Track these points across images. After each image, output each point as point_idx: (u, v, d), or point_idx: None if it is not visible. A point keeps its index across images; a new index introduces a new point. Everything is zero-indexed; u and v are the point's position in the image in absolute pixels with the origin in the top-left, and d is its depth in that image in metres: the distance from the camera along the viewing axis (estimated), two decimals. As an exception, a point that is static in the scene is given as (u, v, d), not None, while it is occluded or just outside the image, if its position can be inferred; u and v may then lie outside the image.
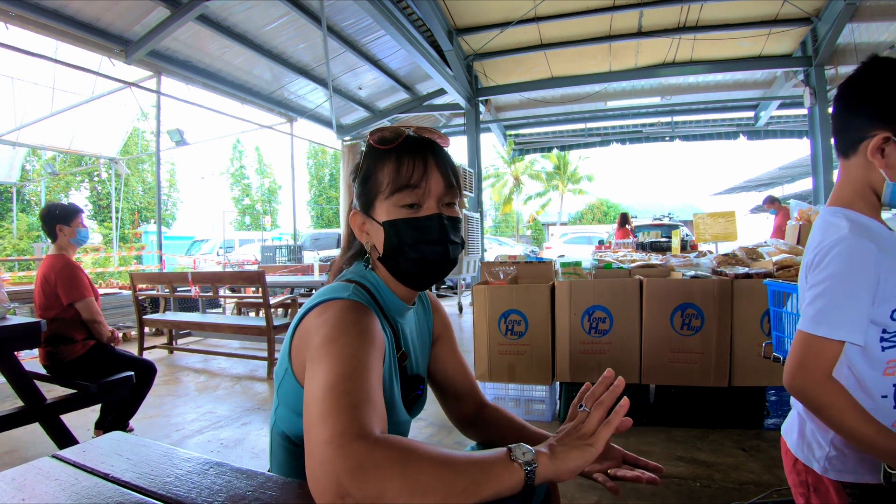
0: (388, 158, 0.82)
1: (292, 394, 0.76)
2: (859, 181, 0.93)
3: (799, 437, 1.01)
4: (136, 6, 5.49)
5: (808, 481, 0.98)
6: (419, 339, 0.97)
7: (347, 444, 0.53)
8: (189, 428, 3.02)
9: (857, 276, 0.86)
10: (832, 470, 0.94)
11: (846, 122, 0.93)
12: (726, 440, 2.55)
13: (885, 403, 0.90)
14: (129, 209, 22.06)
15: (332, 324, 0.70)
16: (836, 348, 0.87)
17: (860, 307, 0.86)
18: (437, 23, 6.71)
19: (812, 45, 7.34)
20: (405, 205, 0.81)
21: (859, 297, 0.85)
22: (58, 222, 2.66)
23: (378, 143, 0.83)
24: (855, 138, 0.91)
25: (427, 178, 0.81)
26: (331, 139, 11.22)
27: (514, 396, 3.00)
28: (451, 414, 1.07)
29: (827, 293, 0.87)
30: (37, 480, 0.70)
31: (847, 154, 0.94)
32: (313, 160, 30.99)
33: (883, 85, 0.87)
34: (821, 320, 0.87)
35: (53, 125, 9.41)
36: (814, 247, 0.93)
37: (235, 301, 7.01)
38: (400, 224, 0.81)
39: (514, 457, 0.60)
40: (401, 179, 0.80)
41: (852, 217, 0.92)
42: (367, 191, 0.84)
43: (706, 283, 2.69)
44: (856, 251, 0.86)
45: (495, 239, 17.18)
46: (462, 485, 0.54)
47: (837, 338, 0.86)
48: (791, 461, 1.03)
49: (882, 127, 0.87)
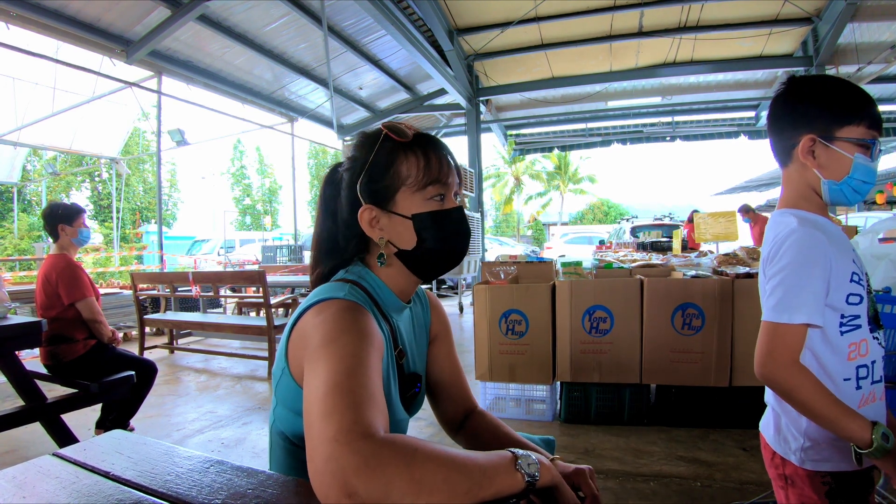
0: (411, 151, 0.83)
1: (290, 393, 0.76)
2: (799, 184, 1.01)
3: (775, 431, 1.04)
4: (137, 6, 5.50)
5: (786, 473, 1.02)
6: (416, 336, 0.97)
7: (353, 441, 0.53)
8: (190, 427, 3.02)
9: (811, 263, 0.92)
10: (808, 461, 0.97)
11: (778, 134, 1.03)
12: (727, 440, 2.55)
13: (848, 386, 0.95)
14: (129, 209, 22.09)
15: (330, 323, 0.69)
16: (800, 332, 0.92)
17: (817, 290, 0.91)
18: (438, 23, 6.71)
19: (813, 45, 7.34)
20: (434, 197, 0.83)
21: (814, 281, 0.91)
22: (60, 222, 2.67)
23: (399, 136, 0.83)
24: (787, 146, 1.00)
25: (450, 172, 0.85)
26: (331, 139, 11.22)
27: (514, 396, 3.00)
28: (440, 416, 1.06)
29: (784, 282, 0.93)
30: (37, 478, 0.70)
31: (785, 162, 1.03)
32: (314, 160, 31.01)
33: (803, 95, 0.98)
34: (782, 308, 0.92)
35: (54, 125, 9.42)
36: (768, 243, 1.01)
37: (236, 301, 7.02)
38: (437, 216, 0.83)
39: (520, 466, 0.62)
40: (432, 173, 0.82)
41: (799, 214, 0.99)
42: (386, 185, 0.83)
43: (707, 283, 2.69)
44: (806, 240, 0.93)
45: (496, 239, 17.15)
46: (466, 486, 0.55)
47: (799, 322, 0.91)
48: (769, 455, 1.06)
49: (807, 130, 0.96)
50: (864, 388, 0.96)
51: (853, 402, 0.93)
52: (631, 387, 2.81)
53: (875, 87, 9.01)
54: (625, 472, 2.24)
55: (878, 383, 0.98)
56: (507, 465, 0.61)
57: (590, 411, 2.87)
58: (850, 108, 0.94)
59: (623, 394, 2.83)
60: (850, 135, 0.94)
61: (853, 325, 0.95)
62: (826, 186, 0.97)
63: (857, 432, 0.85)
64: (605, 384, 2.83)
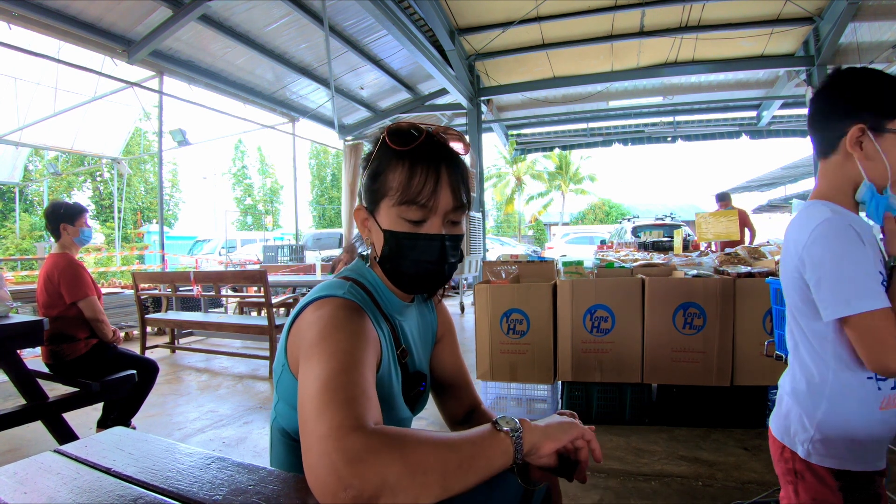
0: (401, 162, 0.78)
1: (290, 389, 0.76)
2: (838, 177, 0.98)
3: (785, 421, 1.03)
4: (139, 6, 5.50)
5: (796, 468, 1.00)
6: (421, 336, 0.97)
7: (345, 436, 0.54)
8: (191, 427, 3.03)
9: (858, 250, 0.88)
10: (815, 454, 0.96)
11: (823, 124, 0.99)
12: (728, 439, 2.54)
13: (870, 385, 0.93)
14: (131, 209, 22.13)
15: (326, 321, 0.70)
16: (890, 314, 0.86)
17: (877, 274, 0.88)
18: (439, 22, 6.71)
19: (814, 45, 7.32)
20: (409, 220, 0.79)
21: (871, 266, 0.88)
22: (62, 221, 2.67)
23: (394, 144, 0.78)
24: (833, 136, 0.97)
25: (437, 194, 0.78)
26: (333, 139, 11.21)
27: (515, 396, 3.00)
28: (445, 413, 1.07)
29: (842, 274, 0.88)
30: (38, 474, 0.70)
31: (827, 154, 0.99)
32: (315, 160, 31.04)
33: (854, 85, 0.95)
34: (862, 296, 0.87)
35: (56, 125, 9.44)
36: (801, 230, 0.96)
37: (237, 300, 7.02)
38: (400, 237, 0.80)
39: (500, 427, 0.63)
40: (410, 192, 0.77)
41: (834, 207, 0.95)
42: (375, 189, 0.82)
43: (708, 283, 2.68)
44: (842, 229, 0.90)
45: (497, 239, 17.14)
46: (457, 460, 0.57)
47: (883, 305, 0.86)
48: (778, 450, 1.05)
49: (857, 120, 0.93)
50: (884, 390, 0.93)
51: (873, 402, 0.92)
52: (632, 386, 2.81)
53: (877, 87, 8.98)
54: (626, 472, 2.24)
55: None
56: (490, 430, 0.63)
57: (591, 411, 2.86)
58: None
59: (624, 393, 2.82)
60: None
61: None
62: (866, 188, 0.94)
63: None
64: (606, 384, 2.83)
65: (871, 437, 0.94)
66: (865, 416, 0.94)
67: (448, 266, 0.83)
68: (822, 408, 0.95)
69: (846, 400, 0.94)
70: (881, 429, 0.95)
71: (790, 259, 0.99)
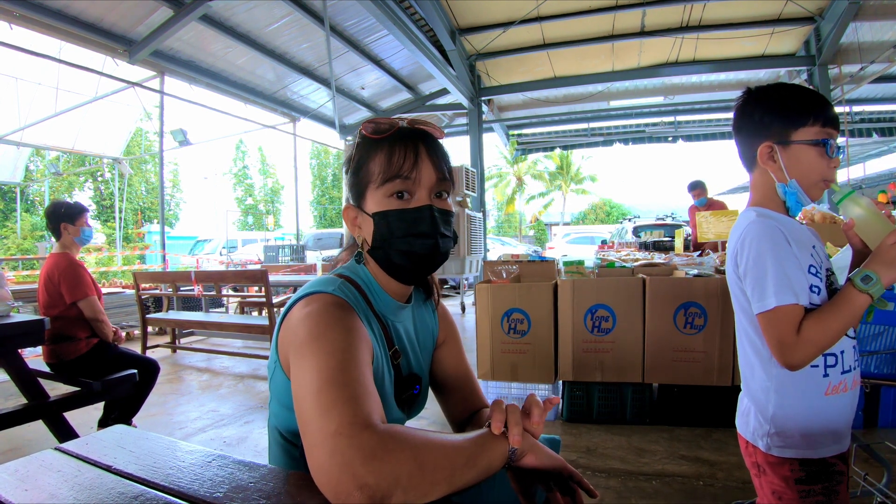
0: (380, 148, 0.80)
1: (281, 387, 0.75)
2: (764, 186, 1.07)
3: (745, 418, 1.08)
4: (140, 6, 5.51)
5: (758, 462, 1.05)
6: (419, 339, 0.95)
7: (357, 434, 0.54)
8: (192, 426, 3.03)
9: (778, 249, 0.96)
10: (774, 447, 1.00)
11: (740, 143, 1.11)
12: (730, 439, 2.54)
13: (815, 373, 0.98)
14: (132, 209, 22.16)
15: (317, 317, 0.69)
16: (795, 310, 0.93)
17: (795, 270, 0.95)
18: (440, 22, 6.71)
19: (815, 45, 7.32)
20: (395, 193, 0.79)
21: (788, 263, 0.95)
22: (63, 220, 2.67)
23: (370, 133, 0.81)
24: (750, 154, 1.08)
25: (418, 168, 0.79)
26: (333, 139, 11.23)
27: (516, 396, 3.00)
28: (449, 415, 1.06)
29: (760, 272, 0.96)
30: (39, 472, 0.70)
31: (750, 168, 1.11)
32: (316, 160, 31.07)
33: (757, 105, 1.05)
34: (770, 294, 0.94)
35: (57, 125, 9.46)
36: (733, 239, 1.06)
37: (238, 300, 7.03)
38: (390, 215, 0.79)
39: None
40: (392, 169, 0.78)
41: (761, 211, 1.05)
42: (359, 182, 0.83)
43: (709, 282, 2.68)
44: (765, 230, 0.98)
45: (498, 239, 17.13)
46: (463, 459, 0.59)
47: (789, 302, 0.92)
48: (744, 444, 1.10)
49: (764, 138, 1.03)
50: (832, 377, 0.98)
51: (820, 390, 0.98)
52: (633, 386, 2.81)
53: (877, 87, 8.99)
54: (627, 472, 2.24)
55: (848, 373, 1.00)
56: (487, 432, 0.66)
57: (592, 410, 2.86)
58: (802, 112, 0.99)
59: (625, 393, 2.82)
60: (805, 136, 0.99)
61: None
62: (782, 189, 1.02)
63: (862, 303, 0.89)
64: (607, 383, 2.83)
65: (823, 425, 0.98)
66: (812, 405, 0.98)
67: (442, 239, 0.81)
68: (772, 401, 1.00)
69: (792, 391, 0.99)
70: (832, 413, 0.98)
71: (729, 262, 1.07)
